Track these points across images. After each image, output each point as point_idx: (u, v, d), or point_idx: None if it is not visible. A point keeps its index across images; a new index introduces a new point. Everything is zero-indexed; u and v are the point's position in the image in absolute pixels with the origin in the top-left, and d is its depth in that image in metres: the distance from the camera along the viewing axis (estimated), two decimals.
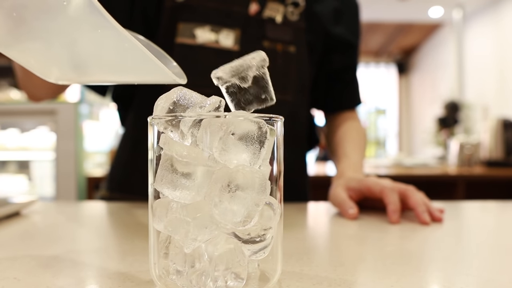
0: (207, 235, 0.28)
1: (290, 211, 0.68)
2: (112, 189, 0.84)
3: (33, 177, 2.70)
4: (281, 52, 0.78)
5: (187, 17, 0.74)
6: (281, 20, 0.78)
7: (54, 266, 0.38)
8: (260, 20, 0.77)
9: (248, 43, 0.75)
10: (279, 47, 0.78)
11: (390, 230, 0.56)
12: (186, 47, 0.73)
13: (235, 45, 0.74)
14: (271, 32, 0.78)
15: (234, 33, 0.75)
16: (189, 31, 0.73)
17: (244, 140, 0.28)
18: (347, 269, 0.37)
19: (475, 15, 4.66)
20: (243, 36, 0.75)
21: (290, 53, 0.79)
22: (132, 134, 0.83)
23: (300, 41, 0.81)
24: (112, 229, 0.55)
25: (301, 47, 0.81)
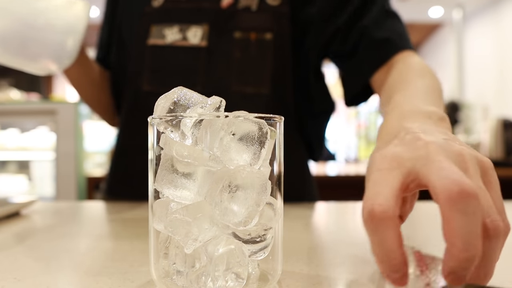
0: (207, 236, 0.28)
1: (290, 211, 0.68)
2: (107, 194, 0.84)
3: (33, 177, 2.70)
4: (255, 41, 0.74)
5: (159, 19, 0.76)
6: (256, 7, 0.74)
7: (54, 266, 0.38)
8: (232, 12, 0.74)
9: (217, 37, 0.74)
10: (253, 35, 0.74)
11: None
12: (156, 48, 0.75)
13: (202, 41, 0.73)
14: (244, 21, 0.74)
15: (202, 29, 0.74)
16: (159, 32, 0.75)
17: (244, 140, 0.28)
18: (347, 269, 0.37)
19: (475, 15, 4.66)
20: (212, 31, 0.74)
21: (266, 40, 0.74)
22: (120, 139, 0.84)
23: (280, 26, 0.74)
24: (112, 229, 0.55)
25: (281, 33, 0.74)
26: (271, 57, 0.74)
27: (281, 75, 0.76)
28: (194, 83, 0.73)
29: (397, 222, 0.28)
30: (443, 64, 5.43)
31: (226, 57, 0.74)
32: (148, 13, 0.77)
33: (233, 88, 0.73)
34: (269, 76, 0.74)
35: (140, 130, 0.79)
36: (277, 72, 0.75)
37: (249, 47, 0.74)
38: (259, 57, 0.74)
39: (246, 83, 0.74)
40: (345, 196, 2.26)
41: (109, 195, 0.83)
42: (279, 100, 0.76)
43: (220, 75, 0.74)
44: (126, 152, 0.80)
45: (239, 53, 0.73)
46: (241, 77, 0.75)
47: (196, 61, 0.73)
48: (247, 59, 0.74)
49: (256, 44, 0.74)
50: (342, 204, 0.78)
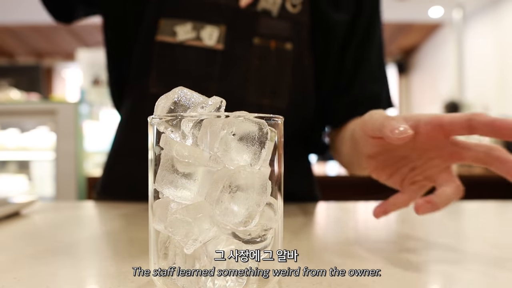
0: (207, 236, 0.28)
1: (290, 211, 0.68)
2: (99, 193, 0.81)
3: (33, 177, 2.70)
4: (275, 50, 0.69)
5: (170, 13, 0.68)
6: (277, 13, 0.69)
7: (54, 266, 0.38)
8: (252, 14, 0.68)
9: (235, 40, 0.68)
10: (273, 44, 0.69)
11: (390, 230, 0.56)
12: (165, 45, 0.68)
13: (218, 43, 0.67)
14: (264, 27, 0.68)
15: (219, 29, 0.67)
16: (170, 28, 0.68)
17: (245, 140, 0.28)
18: (347, 269, 0.37)
19: (475, 15, 4.66)
20: (229, 33, 0.68)
21: (285, 50, 0.69)
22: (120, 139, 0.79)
23: (300, 37, 0.70)
24: (112, 229, 0.55)
25: (301, 44, 0.70)
26: (289, 69, 0.70)
27: (300, 89, 0.71)
28: (207, 88, 0.66)
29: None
30: (443, 64, 5.43)
31: (244, 64, 0.68)
32: (157, 3, 0.69)
33: (249, 99, 0.68)
34: (287, 89, 0.70)
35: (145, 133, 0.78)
36: (295, 85, 0.70)
37: (269, 56, 0.69)
38: (279, 67, 0.69)
39: (263, 94, 0.69)
40: (345, 196, 2.26)
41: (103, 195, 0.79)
42: (296, 115, 0.71)
43: (236, 83, 0.68)
44: (127, 154, 0.75)
45: (258, 61, 0.68)
46: (258, 88, 0.69)
47: (210, 65, 0.67)
48: (266, 68, 0.69)
49: (276, 54, 0.69)
50: (342, 204, 0.78)
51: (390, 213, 0.46)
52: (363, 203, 0.79)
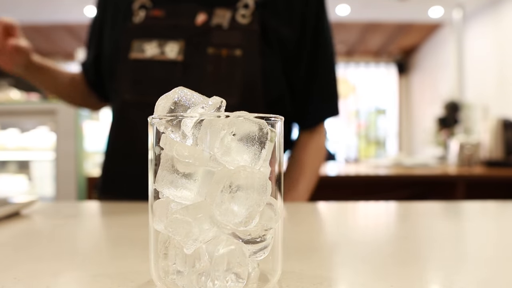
0: (208, 236, 0.28)
1: (290, 211, 0.68)
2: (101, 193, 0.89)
3: (33, 177, 2.69)
4: (226, 57, 0.81)
5: (140, 35, 0.83)
6: (228, 25, 0.81)
7: (54, 266, 0.38)
8: (206, 29, 0.81)
9: (192, 52, 0.81)
10: (224, 52, 0.81)
11: (390, 230, 0.56)
12: (137, 62, 0.82)
13: (179, 55, 0.80)
14: (216, 38, 0.81)
15: (179, 44, 0.81)
16: (140, 47, 0.82)
17: (245, 141, 0.28)
18: (347, 269, 0.37)
19: (475, 15, 4.66)
20: (188, 46, 0.81)
21: (235, 57, 0.81)
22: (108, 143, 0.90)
23: (249, 44, 0.81)
24: (112, 229, 0.55)
25: (250, 50, 0.81)
26: (239, 72, 0.81)
27: (249, 88, 0.81)
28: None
29: None
30: (443, 64, 5.43)
31: (200, 70, 0.80)
32: (130, 29, 0.84)
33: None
34: (238, 89, 0.80)
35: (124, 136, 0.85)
36: (246, 85, 0.81)
37: (221, 62, 0.81)
38: (230, 71, 0.81)
39: (215, 94, 0.78)
40: (345, 196, 2.26)
41: (102, 194, 0.88)
42: (248, 111, 0.80)
43: (193, 87, 0.78)
44: (115, 156, 0.87)
45: (212, 68, 0.80)
46: (213, 89, 0.79)
47: (172, 74, 0.80)
48: (218, 72, 0.80)
49: (227, 60, 0.81)
50: (342, 204, 0.78)
51: None
52: (363, 203, 0.79)
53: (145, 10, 0.84)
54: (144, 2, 0.85)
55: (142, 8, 0.84)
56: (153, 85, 0.81)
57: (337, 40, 6.14)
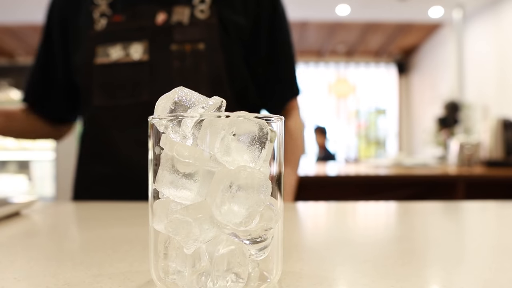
0: (208, 236, 0.28)
1: (290, 211, 0.68)
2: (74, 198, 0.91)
3: (33, 177, 2.70)
4: (190, 52, 0.83)
5: (103, 40, 0.84)
6: (188, 21, 0.83)
7: (54, 266, 0.38)
8: (167, 27, 0.83)
9: (157, 51, 0.82)
10: (187, 47, 0.83)
11: (390, 230, 0.56)
12: (103, 66, 0.83)
13: (144, 55, 0.82)
14: (178, 35, 0.83)
15: (142, 45, 0.83)
16: (104, 52, 0.84)
17: (245, 141, 0.28)
18: (347, 269, 0.37)
19: (475, 15, 4.66)
20: (151, 45, 0.83)
21: (199, 50, 0.83)
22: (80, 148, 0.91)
23: (211, 37, 0.84)
24: (112, 229, 0.55)
25: (212, 42, 0.83)
26: (204, 65, 0.83)
27: (216, 80, 0.84)
28: (140, 93, 0.82)
29: None
30: (443, 64, 5.43)
31: (166, 68, 0.82)
32: (93, 36, 0.85)
33: None
34: (205, 81, 0.83)
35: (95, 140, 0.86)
36: (212, 77, 0.83)
37: (185, 57, 0.83)
38: (195, 65, 0.83)
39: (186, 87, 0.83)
40: (345, 196, 2.26)
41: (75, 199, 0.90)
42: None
43: (162, 84, 0.81)
44: (87, 160, 0.89)
45: (178, 63, 0.82)
46: (182, 84, 0.80)
47: (140, 74, 0.82)
48: (184, 68, 0.82)
49: (191, 54, 0.83)
50: (342, 204, 0.78)
51: None
52: (363, 203, 0.79)
53: (106, 18, 0.86)
54: (103, 10, 0.87)
55: (103, 16, 0.86)
56: (122, 87, 0.83)
57: (337, 40, 6.15)
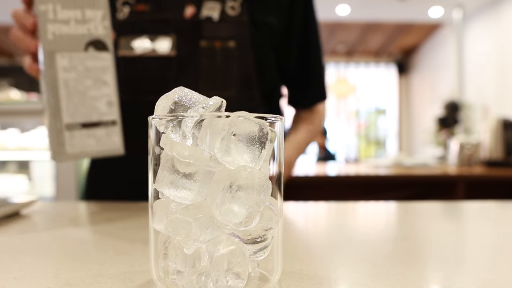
0: (208, 236, 0.28)
1: (290, 211, 0.68)
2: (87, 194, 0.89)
3: (33, 177, 2.69)
4: (220, 49, 0.80)
5: (127, 31, 0.80)
6: (218, 17, 0.80)
7: (54, 266, 0.38)
8: (196, 22, 0.79)
9: (185, 46, 0.79)
10: (217, 44, 0.80)
11: (390, 230, 0.56)
12: (127, 59, 0.80)
13: (171, 50, 0.78)
14: (208, 31, 0.79)
15: (170, 39, 0.79)
16: (128, 44, 0.80)
17: (245, 141, 0.28)
18: (347, 269, 0.37)
19: (475, 15, 4.66)
20: (179, 40, 0.79)
21: (229, 48, 0.80)
22: None
23: (242, 35, 0.81)
24: (112, 229, 0.55)
25: (243, 41, 0.81)
26: (234, 64, 0.80)
27: (246, 79, 0.81)
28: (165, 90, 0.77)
29: None
30: (443, 64, 5.43)
31: (195, 65, 0.79)
32: (115, 26, 0.80)
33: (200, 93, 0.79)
34: (235, 80, 0.80)
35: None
36: (242, 76, 0.81)
37: (215, 54, 0.80)
38: (225, 64, 0.80)
39: (213, 88, 0.79)
40: (345, 196, 2.26)
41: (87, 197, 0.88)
42: (245, 102, 0.82)
43: (189, 82, 0.78)
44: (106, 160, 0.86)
45: (206, 61, 0.79)
46: (209, 83, 0.79)
47: (166, 70, 0.79)
48: (214, 65, 0.79)
49: (221, 52, 0.80)
50: (342, 204, 0.78)
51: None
52: (363, 203, 0.79)
53: (129, 6, 0.81)
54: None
55: (125, 5, 0.81)
56: (147, 82, 0.79)
57: (337, 40, 6.15)
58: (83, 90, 0.55)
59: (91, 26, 0.54)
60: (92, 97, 0.55)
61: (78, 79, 0.55)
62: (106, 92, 0.55)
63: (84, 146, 0.55)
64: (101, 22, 0.54)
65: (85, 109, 0.55)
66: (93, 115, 0.55)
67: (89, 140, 0.55)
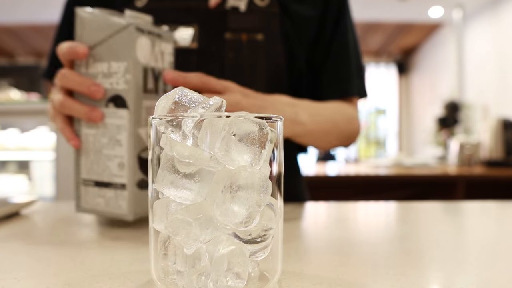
0: (208, 236, 0.28)
1: (290, 211, 0.68)
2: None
3: (33, 177, 2.70)
4: (247, 42, 0.74)
5: None
6: (245, 8, 0.74)
7: (54, 266, 0.38)
8: (221, 12, 0.73)
9: (208, 38, 0.73)
10: (244, 36, 0.74)
11: (391, 230, 0.56)
12: None
13: (193, 42, 0.72)
14: (233, 22, 0.74)
15: (192, 30, 0.73)
16: None
17: (245, 141, 0.28)
18: (347, 269, 0.37)
19: (475, 15, 4.66)
20: (202, 31, 0.73)
21: (257, 41, 0.74)
22: None
23: (270, 27, 0.75)
24: (112, 229, 0.55)
25: (272, 34, 0.75)
26: (262, 58, 0.75)
27: (274, 74, 0.76)
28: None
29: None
30: (443, 64, 5.43)
31: (218, 58, 0.73)
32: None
33: None
34: (263, 75, 0.75)
35: None
36: (270, 71, 0.75)
37: (241, 48, 0.74)
38: (252, 57, 0.74)
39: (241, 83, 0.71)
40: (345, 196, 2.26)
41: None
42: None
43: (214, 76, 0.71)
44: None
45: (232, 54, 0.74)
46: (235, 79, 0.72)
47: (187, 64, 0.72)
48: (240, 60, 0.74)
49: (248, 45, 0.74)
50: (342, 204, 0.78)
51: None
52: (363, 203, 0.79)
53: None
54: None
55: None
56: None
57: None
58: (99, 147, 0.52)
59: (114, 81, 0.51)
60: (106, 156, 0.52)
61: (97, 136, 0.52)
62: (119, 153, 0.51)
63: (95, 204, 0.54)
64: (123, 75, 0.50)
65: (98, 168, 0.53)
66: (105, 174, 0.52)
67: (99, 199, 0.53)
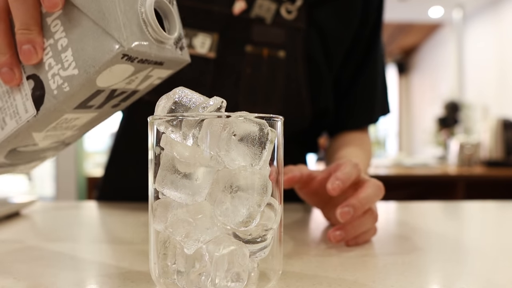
0: (208, 236, 0.28)
1: (290, 211, 0.68)
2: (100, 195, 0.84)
3: (33, 177, 2.70)
4: (267, 58, 0.69)
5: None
6: (271, 20, 0.69)
7: (54, 266, 0.38)
8: (245, 21, 0.68)
9: (227, 48, 0.68)
10: (265, 52, 0.69)
11: (391, 231, 0.56)
12: None
13: (210, 51, 0.67)
14: (257, 34, 0.69)
15: (211, 37, 0.67)
16: None
17: (245, 141, 0.28)
18: (347, 269, 0.37)
19: (475, 15, 4.66)
20: (222, 40, 0.68)
21: (278, 58, 0.69)
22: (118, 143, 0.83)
23: (294, 44, 0.70)
24: (112, 229, 0.55)
25: (294, 51, 0.70)
26: (281, 77, 0.70)
27: (293, 97, 0.71)
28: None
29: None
30: (443, 64, 5.43)
31: (236, 72, 0.69)
32: None
33: (240, 107, 0.68)
34: (279, 97, 0.70)
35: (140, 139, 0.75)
36: (288, 93, 0.71)
37: (261, 64, 0.69)
38: (271, 75, 0.70)
39: (255, 102, 0.69)
40: None
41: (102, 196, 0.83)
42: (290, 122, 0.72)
43: (227, 91, 0.69)
44: (124, 157, 0.80)
45: (250, 70, 0.69)
46: (250, 96, 0.69)
47: (202, 73, 0.68)
48: (257, 77, 0.69)
49: (268, 62, 0.69)
50: None
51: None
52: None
53: None
54: None
55: None
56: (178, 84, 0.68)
57: None
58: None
59: (56, 67, 0.37)
60: None
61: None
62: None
63: None
64: (66, 78, 0.36)
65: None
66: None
67: None
